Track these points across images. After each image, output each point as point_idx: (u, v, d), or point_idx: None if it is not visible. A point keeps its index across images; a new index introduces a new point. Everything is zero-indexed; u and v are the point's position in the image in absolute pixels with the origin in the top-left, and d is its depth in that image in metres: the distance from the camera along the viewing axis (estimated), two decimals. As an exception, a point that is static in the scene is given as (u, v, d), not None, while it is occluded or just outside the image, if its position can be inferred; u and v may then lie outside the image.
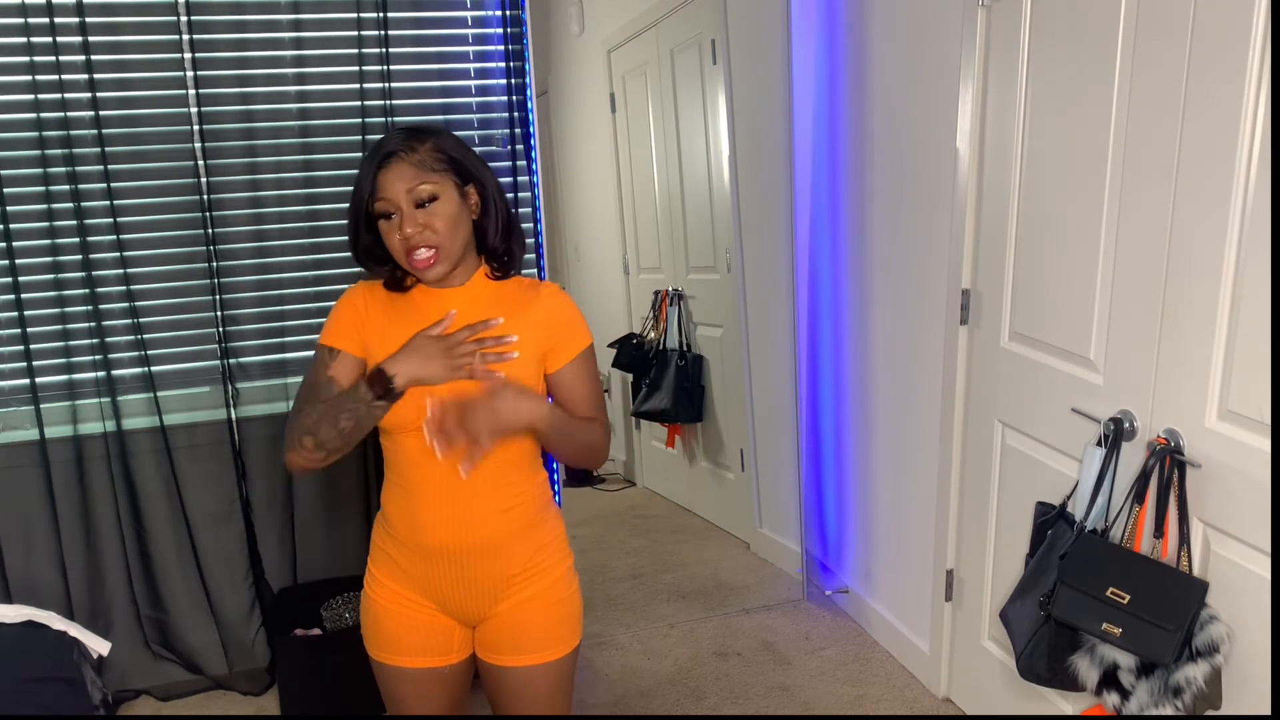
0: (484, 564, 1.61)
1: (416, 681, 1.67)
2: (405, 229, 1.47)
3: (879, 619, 2.90)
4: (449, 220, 1.49)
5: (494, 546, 1.60)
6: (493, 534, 1.60)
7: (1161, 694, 1.68)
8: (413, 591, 1.63)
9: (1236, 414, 1.64)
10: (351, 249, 1.57)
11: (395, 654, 1.66)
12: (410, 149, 1.49)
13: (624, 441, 4.53)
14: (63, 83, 2.44)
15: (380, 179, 1.48)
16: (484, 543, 1.59)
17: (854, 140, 2.80)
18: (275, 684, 2.72)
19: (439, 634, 1.66)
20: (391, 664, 1.67)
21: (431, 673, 1.67)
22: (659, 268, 4.06)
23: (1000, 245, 2.22)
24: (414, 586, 1.63)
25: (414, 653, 1.66)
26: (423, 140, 1.50)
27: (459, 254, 1.53)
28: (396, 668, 1.67)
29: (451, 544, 1.58)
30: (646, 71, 3.89)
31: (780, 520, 3.39)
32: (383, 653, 1.67)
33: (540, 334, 1.58)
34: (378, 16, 2.61)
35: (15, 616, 2.24)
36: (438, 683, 1.69)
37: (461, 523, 1.58)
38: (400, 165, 1.48)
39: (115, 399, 2.61)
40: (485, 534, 1.59)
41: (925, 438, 2.59)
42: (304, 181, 2.68)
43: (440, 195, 1.48)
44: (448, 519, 1.58)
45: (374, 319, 1.58)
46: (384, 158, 1.48)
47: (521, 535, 1.63)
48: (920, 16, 2.45)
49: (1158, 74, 1.74)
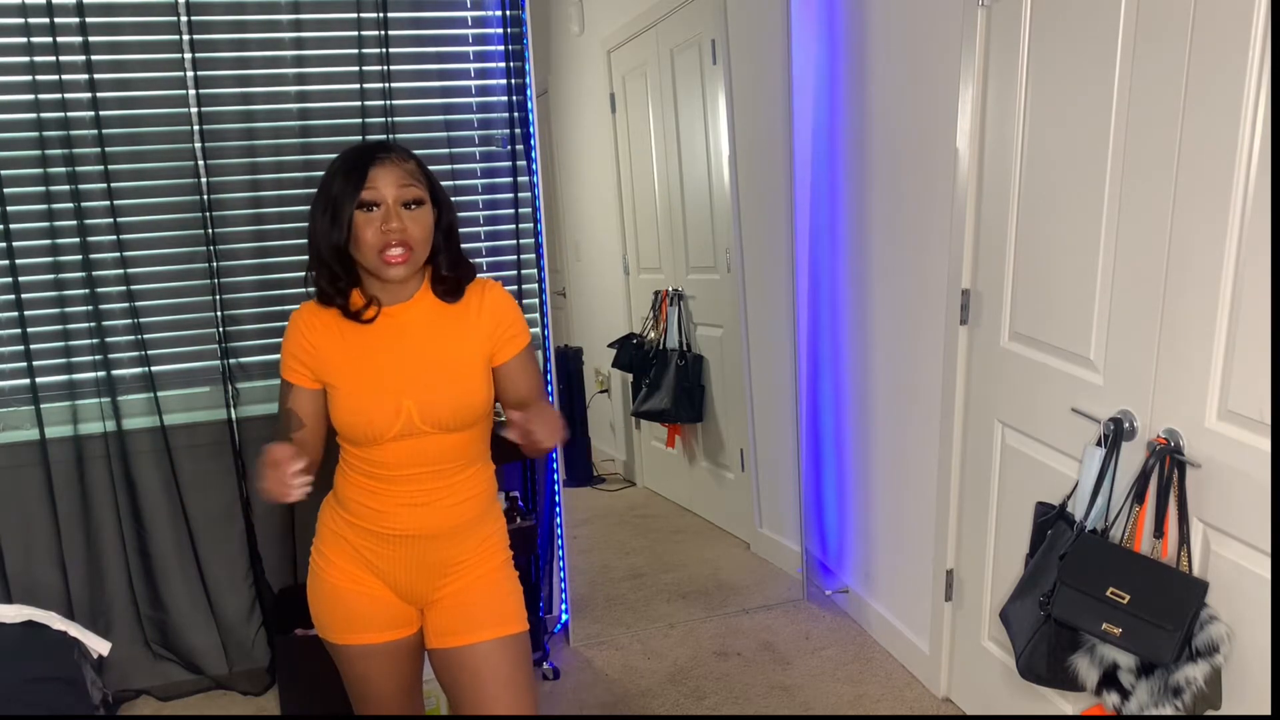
0: (438, 548, 1.69)
1: (381, 656, 1.72)
2: (390, 223, 1.54)
3: (879, 619, 2.90)
4: (425, 229, 1.59)
5: (449, 532, 1.69)
6: (452, 522, 1.69)
7: (1161, 694, 1.68)
8: (365, 572, 1.70)
9: (1236, 414, 1.64)
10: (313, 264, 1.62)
11: (356, 632, 1.71)
12: (402, 157, 1.60)
13: (624, 441, 4.52)
14: (63, 83, 2.44)
15: (373, 171, 1.55)
16: (444, 530, 1.69)
17: (854, 140, 2.80)
18: (275, 684, 2.72)
19: (396, 609, 1.72)
20: (355, 643, 1.71)
21: (395, 645, 1.73)
22: (659, 268, 4.06)
23: (1000, 245, 2.22)
24: (367, 568, 1.70)
25: (375, 628, 1.71)
26: (410, 155, 1.62)
27: (420, 264, 1.62)
28: (360, 646, 1.71)
29: (414, 532, 1.67)
30: (646, 71, 3.89)
31: (780, 520, 3.39)
32: (343, 634, 1.72)
33: (486, 334, 1.68)
34: (378, 16, 2.60)
35: (15, 616, 2.24)
36: (403, 654, 1.75)
37: (427, 512, 1.67)
38: (393, 166, 1.57)
39: (115, 399, 2.61)
40: (447, 522, 1.68)
41: (925, 438, 2.59)
42: (304, 182, 2.67)
43: (424, 204, 1.59)
44: (414, 510, 1.66)
45: (324, 345, 1.64)
46: (377, 155, 1.57)
47: (474, 523, 1.72)
48: (920, 17, 2.45)
49: (1158, 74, 1.74)
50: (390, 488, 1.66)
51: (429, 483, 1.66)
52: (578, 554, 3.32)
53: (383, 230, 1.54)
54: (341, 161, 1.59)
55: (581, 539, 3.71)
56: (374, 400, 1.62)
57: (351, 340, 1.65)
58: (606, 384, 4.29)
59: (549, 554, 2.97)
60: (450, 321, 1.66)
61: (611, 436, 4.61)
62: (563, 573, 2.98)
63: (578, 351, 3.93)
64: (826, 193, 2.99)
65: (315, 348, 1.64)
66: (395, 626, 1.73)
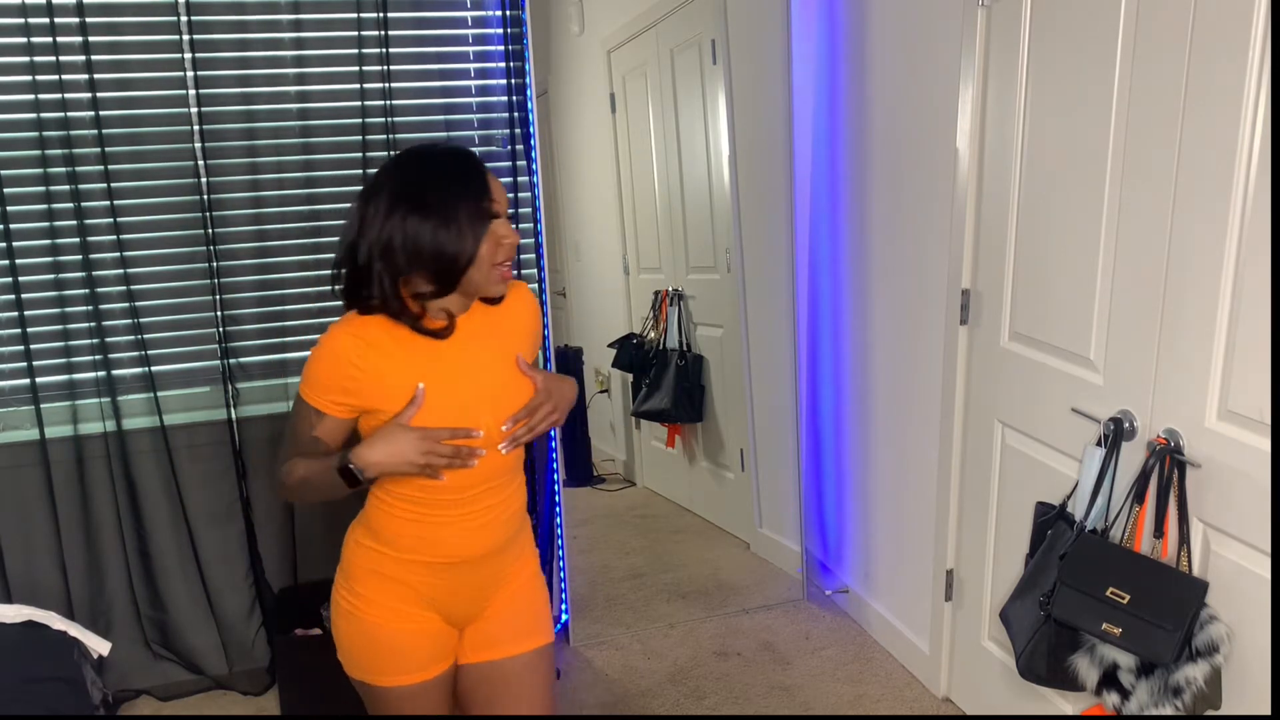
0: (490, 565, 1.62)
1: (425, 695, 1.63)
2: (509, 236, 1.47)
3: (879, 619, 2.90)
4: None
5: (503, 547, 1.62)
6: (506, 536, 1.62)
7: (1161, 694, 1.68)
8: (412, 606, 1.59)
9: (1236, 414, 1.64)
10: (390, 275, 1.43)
11: (402, 673, 1.60)
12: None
13: (624, 441, 4.52)
14: (63, 83, 2.44)
15: (490, 181, 1.46)
16: (498, 546, 1.61)
17: (854, 140, 2.80)
18: (275, 684, 2.72)
19: (444, 637, 1.64)
20: (400, 684, 1.60)
21: (440, 679, 1.65)
22: (659, 268, 4.06)
23: (1000, 245, 2.22)
24: (415, 601, 1.59)
25: (420, 665, 1.61)
26: None
27: None
28: (405, 687, 1.60)
29: (472, 554, 1.58)
30: (646, 71, 3.89)
31: (780, 520, 3.39)
32: (386, 675, 1.60)
33: (527, 331, 1.64)
34: (378, 17, 2.60)
35: (15, 616, 2.24)
36: (445, 688, 1.67)
37: (485, 533, 1.58)
38: (491, 174, 1.48)
39: (115, 399, 2.61)
40: (502, 537, 1.61)
41: (925, 438, 2.59)
42: (304, 181, 2.68)
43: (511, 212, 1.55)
44: (472, 533, 1.57)
45: (380, 369, 1.47)
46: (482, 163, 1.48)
47: (517, 535, 1.67)
48: (920, 16, 2.45)
49: (1158, 74, 1.74)
50: (445, 513, 1.54)
51: (486, 500, 1.56)
52: (578, 554, 3.32)
53: (504, 245, 1.46)
54: (451, 169, 1.45)
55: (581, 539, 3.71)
56: (458, 422, 1.49)
57: (418, 358, 1.48)
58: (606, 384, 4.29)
59: (549, 554, 2.97)
60: (497, 325, 1.57)
61: (611, 436, 4.61)
62: (563, 573, 2.97)
63: (578, 351, 3.93)
64: (826, 193, 2.99)
65: (364, 373, 1.46)
66: (442, 659, 1.63)
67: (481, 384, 1.52)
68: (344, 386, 1.48)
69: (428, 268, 1.42)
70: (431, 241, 1.40)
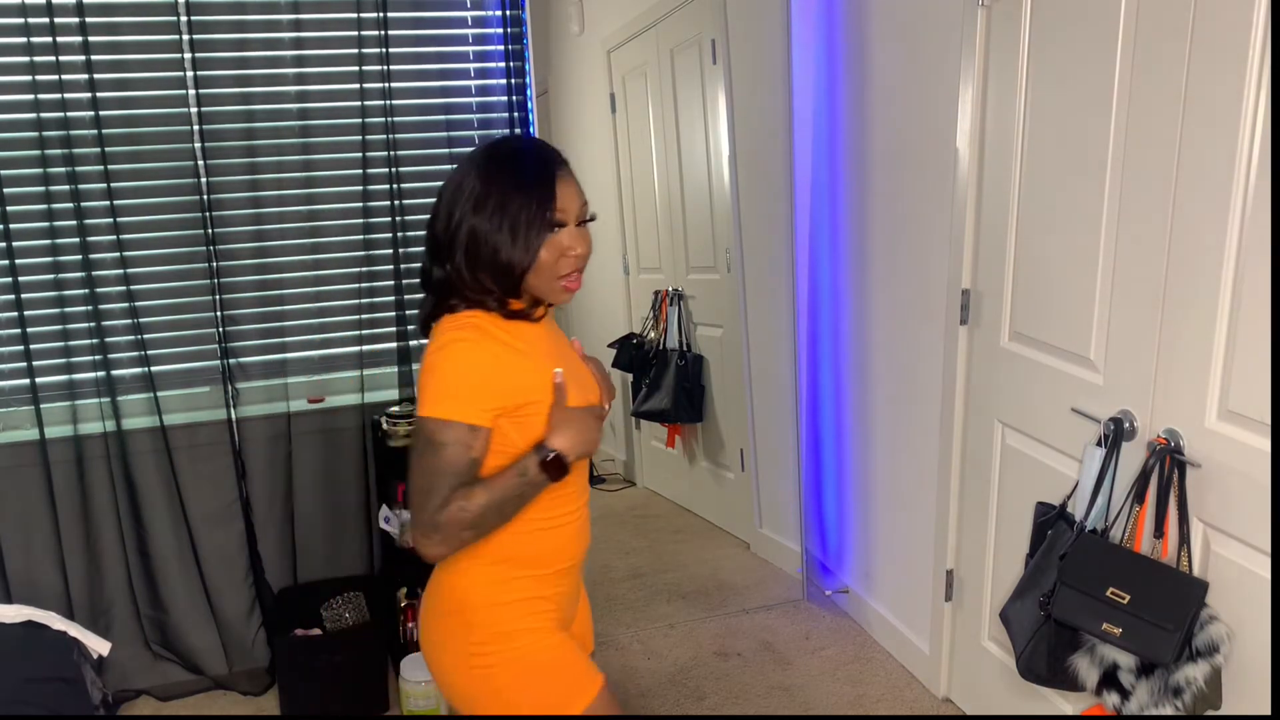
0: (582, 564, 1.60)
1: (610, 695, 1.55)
2: (576, 249, 1.39)
3: (879, 619, 2.90)
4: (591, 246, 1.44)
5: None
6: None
7: (1161, 694, 1.68)
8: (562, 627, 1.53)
9: (1236, 414, 1.64)
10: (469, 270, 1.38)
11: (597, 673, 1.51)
12: (569, 167, 1.42)
13: (624, 441, 4.53)
14: (63, 83, 2.45)
15: (559, 189, 1.37)
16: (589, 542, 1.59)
17: (854, 140, 2.80)
18: (275, 684, 2.72)
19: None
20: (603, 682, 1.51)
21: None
22: (659, 268, 4.06)
23: (1000, 245, 2.22)
24: (562, 621, 1.53)
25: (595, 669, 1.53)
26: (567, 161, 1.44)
27: None
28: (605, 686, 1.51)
29: (583, 552, 1.55)
30: (646, 71, 3.89)
31: (780, 520, 3.39)
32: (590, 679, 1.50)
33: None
34: (378, 16, 2.61)
35: (15, 616, 2.24)
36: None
37: (588, 528, 1.56)
38: (571, 179, 1.41)
39: (115, 399, 2.61)
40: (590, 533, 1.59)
41: (925, 438, 2.59)
42: (304, 182, 2.68)
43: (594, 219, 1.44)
44: (584, 528, 1.55)
45: (505, 366, 1.39)
46: (559, 168, 1.39)
47: None
48: (920, 16, 2.45)
49: (1158, 74, 1.74)
50: (565, 511, 1.48)
51: (585, 494, 1.52)
52: (578, 554, 3.32)
53: (570, 256, 1.39)
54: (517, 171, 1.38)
55: (581, 539, 3.71)
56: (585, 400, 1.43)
57: (534, 344, 1.42)
58: (606, 384, 4.29)
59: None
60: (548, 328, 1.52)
61: (612, 436, 4.61)
62: (563, 573, 2.97)
63: (577, 351, 3.92)
64: (826, 192, 2.99)
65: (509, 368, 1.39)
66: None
67: (574, 364, 1.50)
68: (486, 389, 1.37)
69: (487, 269, 1.38)
70: (489, 244, 1.36)
